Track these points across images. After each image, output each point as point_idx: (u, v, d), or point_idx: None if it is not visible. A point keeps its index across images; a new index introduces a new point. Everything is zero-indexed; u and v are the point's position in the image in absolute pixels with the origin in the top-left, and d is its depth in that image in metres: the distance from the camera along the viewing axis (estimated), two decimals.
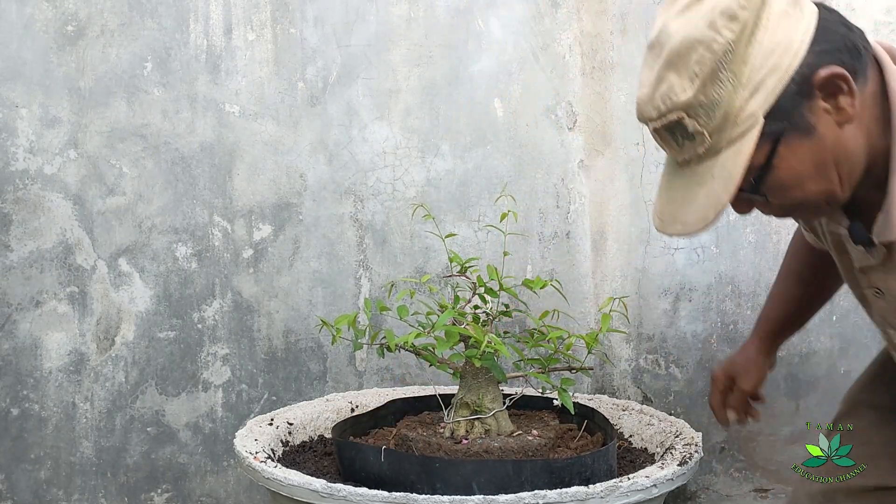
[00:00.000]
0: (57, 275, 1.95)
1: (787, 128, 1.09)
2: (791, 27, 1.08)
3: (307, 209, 2.03)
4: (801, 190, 1.13)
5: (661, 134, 1.13)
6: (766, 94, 1.07)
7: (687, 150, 1.12)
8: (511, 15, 2.07)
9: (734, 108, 1.07)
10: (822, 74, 1.07)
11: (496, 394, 1.53)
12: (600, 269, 2.12)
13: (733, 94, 1.07)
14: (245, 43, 2.00)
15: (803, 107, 1.08)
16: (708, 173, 1.11)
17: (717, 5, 1.07)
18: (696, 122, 1.08)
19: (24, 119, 1.93)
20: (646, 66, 1.14)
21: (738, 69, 1.06)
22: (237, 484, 2.05)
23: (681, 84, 1.08)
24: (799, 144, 1.10)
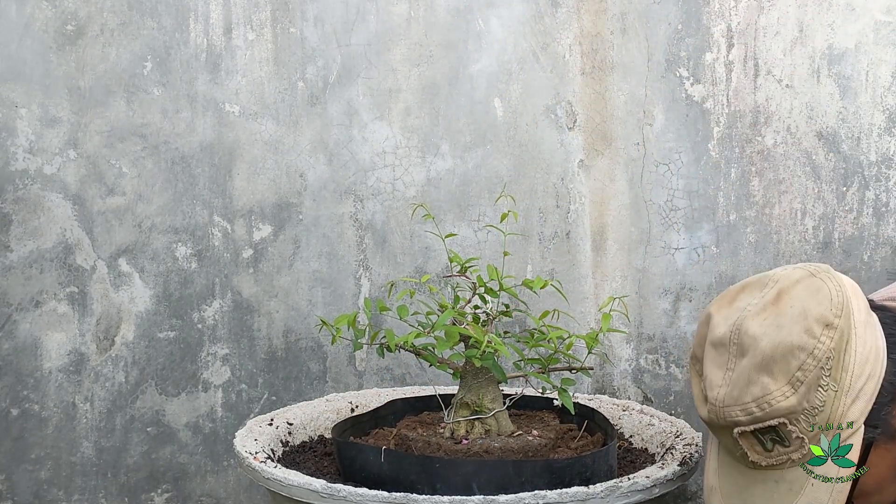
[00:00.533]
0: (57, 275, 1.95)
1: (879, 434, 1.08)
2: (874, 335, 1.09)
3: (307, 209, 2.03)
4: (880, 495, 1.12)
5: (747, 437, 1.09)
6: (865, 402, 1.06)
7: (776, 454, 1.08)
8: (511, 14, 2.06)
9: (837, 414, 1.06)
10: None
11: (496, 394, 1.52)
12: (600, 269, 2.12)
13: (835, 400, 1.05)
14: (245, 42, 2.00)
15: (891, 413, 1.08)
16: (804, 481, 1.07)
17: (806, 311, 1.07)
18: (798, 427, 1.06)
19: (23, 119, 1.92)
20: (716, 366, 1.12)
21: (839, 376, 1.05)
22: (237, 484, 2.05)
23: (780, 389, 1.06)
24: (886, 449, 1.09)
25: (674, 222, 2.13)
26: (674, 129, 2.10)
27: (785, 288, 1.10)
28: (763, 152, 2.14)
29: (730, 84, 2.11)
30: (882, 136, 2.06)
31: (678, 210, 2.12)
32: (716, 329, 1.13)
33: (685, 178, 2.12)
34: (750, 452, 1.10)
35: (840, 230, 2.08)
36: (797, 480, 1.08)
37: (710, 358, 1.13)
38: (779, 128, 2.14)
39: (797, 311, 1.07)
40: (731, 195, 2.12)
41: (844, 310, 1.07)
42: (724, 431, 1.11)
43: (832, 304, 1.07)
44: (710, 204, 2.13)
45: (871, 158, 2.06)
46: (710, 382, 1.12)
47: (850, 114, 2.05)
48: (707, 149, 2.11)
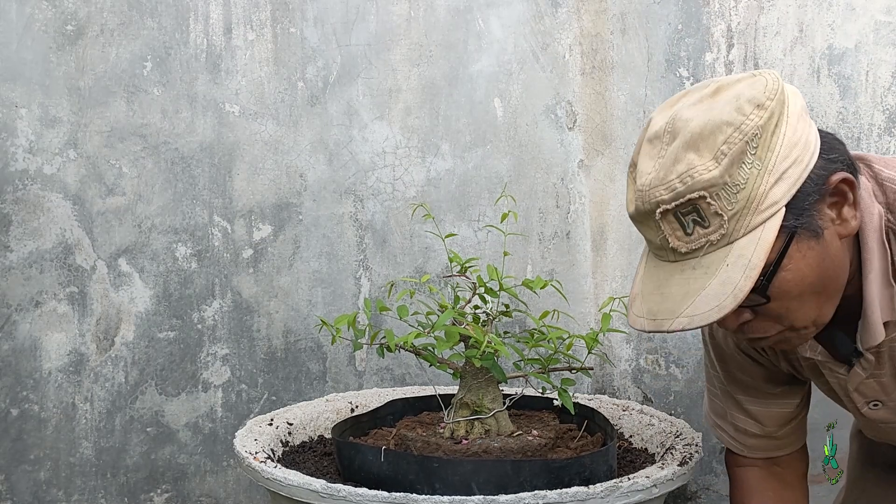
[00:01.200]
0: (56, 275, 1.95)
1: (801, 226, 1.06)
2: (807, 129, 1.08)
3: (307, 209, 2.03)
4: (800, 300, 1.09)
5: (668, 219, 1.07)
6: (788, 185, 1.05)
7: (696, 237, 1.06)
8: (511, 14, 2.06)
9: (758, 193, 1.04)
10: (837, 177, 1.07)
11: (496, 394, 1.52)
12: (600, 269, 2.12)
13: (758, 178, 1.04)
14: (245, 42, 2.00)
15: (815, 208, 1.07)
16: (720, 262, 1.05)
17: (741, 94, 1.06)
18: (718, 203, 1.04)
19: (23, 119, 1.92)
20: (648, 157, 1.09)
21: (764, 154, 1.04)
22: (237, 484, 2.05)
23: (704, 164, 1.04)
24: (808, 247, 1.07)
25: None
26: None
27: (725, 84, 1.10)
28: None
29: None
30: (882, 136, 2.06)
31: None
32: (653, 126, 1.11)
33: None
34: (671, 238, 1.07)
35: None
36: (713, 264, 1.05)
37: (645, 152, 1.10)
38: None
39: (731, 96, 1.07)
40: None
41: (778, 95, 1.06)
42: (649, 219, 1.08)
43: (766, 88, 1.06)
44: None
45: None
46: (641, 172, 1.09)
47: (850, 114, 2.05)
48: None
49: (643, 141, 1.12)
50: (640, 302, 1.12)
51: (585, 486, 1.33)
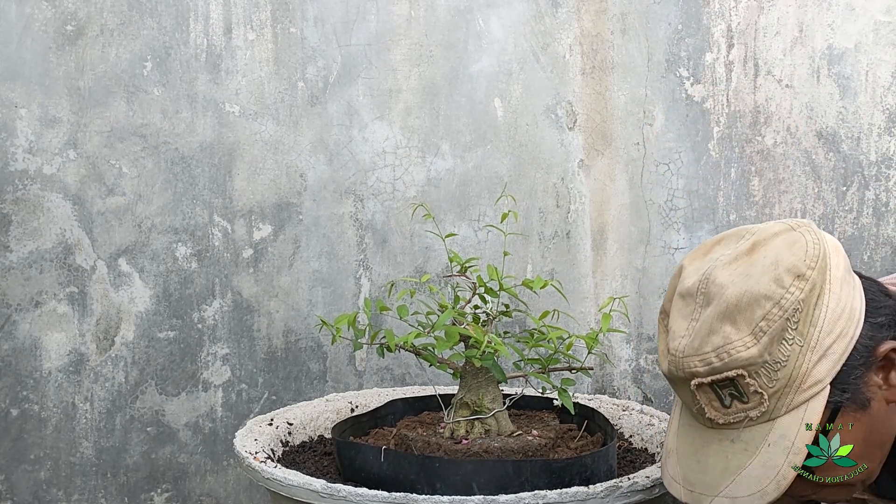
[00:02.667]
0: (56, 275, 1.95)
1: (847, 400, 1.02)
2: (850, 295, 1.03)
3: (307, 209, 2.03)
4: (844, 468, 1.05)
5: (704, 390, 1.03)
6: (833, 362, 1.00)
7: (734, 412, 1.01)
8: (511, 14, 2.06)
9: (800, 371, 0.99)
10: (885, 348, 1.02)
11: (496, 394, 1.52)
12: (600, 269, 2.12)
13: (801, 356, 0.99)
14: (245, 42, 2.00)
15: (861, 379, 1.02)
16: (761, 440, 1.01)
17: (778, 261, 1.01)
18: (758, 381, 0.99)
19: (23, 119, 1.92)
20: (681, 316, 1.05)
21: (806, 330, 0.99)
22: (237, 484, 2.05)
23: (742, 339, 0.99)
24: (854, 418, 1.02)
25: (674, 222, 2.13)
26: (674, 129, 2.10)
27: (761, 240, 1.04)
28: (763, 152, 2.14)
29: (730, 84, 2.11)
30: (882, 136, 2.06)
31: (678, 210, 2.12)
32: (686, 280, 1.06)
33: (685, 177, 2.12)
34: (707, 408, 1.03)
35: (840, 230, 2.08)
36: (753, 440, 1.02)
37: (677, 308, 1.06)
38: (779, 128, 2.14)
39: (769, 262, 1.01)
40: (731, 195, 2.12)
41: (820, 262, 1.00)
42: (683, 385, 1.04)
43: (807, 255, 1.01)
44: (710, 204, 2.13)
45: (871, 158, 2.06)
46: (674, 333, 1.04)
47: (849, 114, 2.05)
48: (707, 149, 2.11)
49: (675, 294, 1.07)
50: (676, 463, 1.08)
51: (585, 486, 1.33)
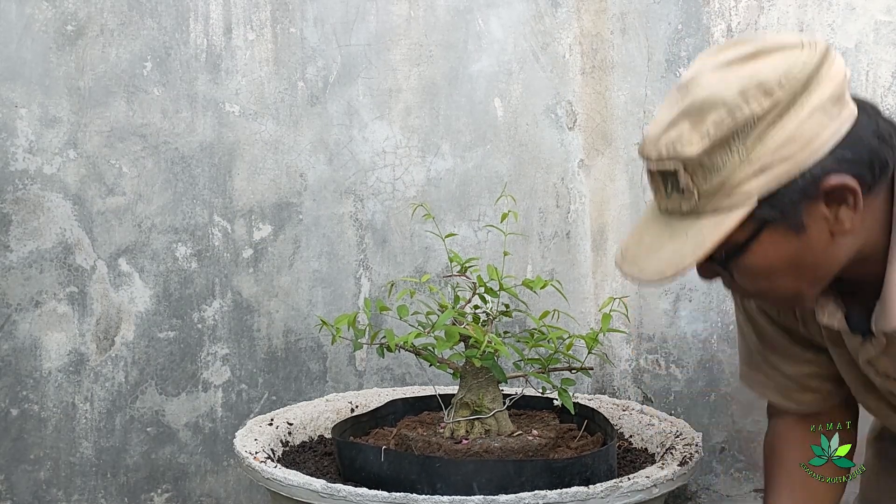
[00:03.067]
0: (56, 275, 1.95)
1: (777, 218, 1.06)
2: (821, 125, 1.03)
3: (307, 209, 2.03)
4: (769, 282, 1.12)
5: (654, 176, 1.12)
6: (768, 180, 1.04)
7: (672, 201, 1.10)
8: (511, 14, 2.06)
9: (733, 180, 1.04)
10: (831, 182, 1.04)
11: (496, 394, 1.52)
12: (600, 269, 2.12)
13: (737, 168, 1.04)
14: (245, 42, 2.00)
15: (802, 205, 1.05)
16: (683, 231, 1.09)
17: (756, 75, 1.02)
18: (691, 179, 1.06)
19: (23, 119, 1.92)
20: (667, 104, 1.10)
21: (752, 145, 1.03)
22: (237, 484, 2.05)
23: (690, 137, 1.05)
24: (784, 238, 1.07)
25: None
26: None
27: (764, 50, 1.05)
28: None
29: None
30: None
31: None
32: (686, 73, 1.11)
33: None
34: (654, 191, 1.14)
35: None
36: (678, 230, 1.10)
37: (667, 98, 1.11)
38: None
39: (749, 72, 1.03)
40: None
41: (794, 84, 1.02)
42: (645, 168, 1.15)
43: (786, 74, 1.02)
44: None
45: None
46: (654, 119, 1.11)
47: None
48: None
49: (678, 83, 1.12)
50: (629, 236, 1.18)
51: (586, 485, 1.33)
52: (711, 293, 2.13)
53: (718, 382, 2.15)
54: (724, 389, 2.10)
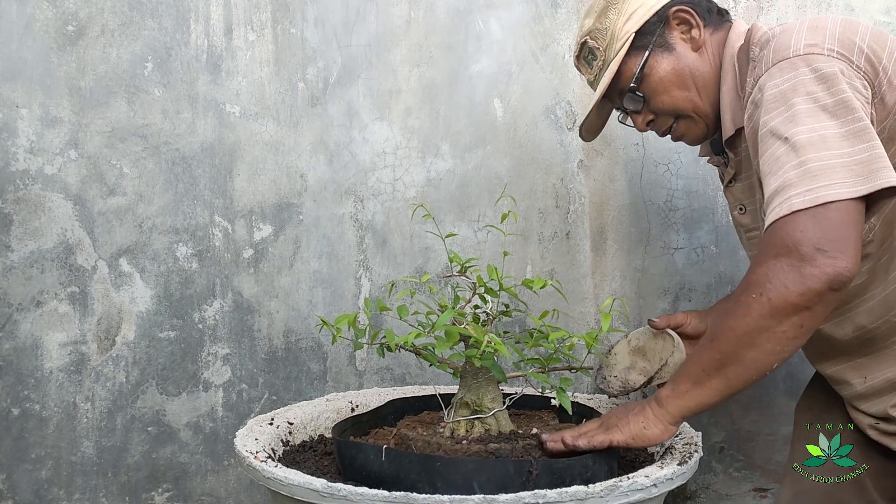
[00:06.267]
0: (57, 275, 1.95)
1: (653, 43, 1.57)
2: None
3: (307, 209, 2.03)
4: (669, 94, 1.58)
5: (581, 62, 1.67)
6: (636, 20, 1.57)
7: (594, 68, 1.63)
8: (511, 15, 2.07)
9: (617, 29, 1.58)
10: (674, 8, 1.57)
11: (496, 393, 1.53)
12: (600, 269, 2.12)
13: (616, 21, 1.58)
14: (246, 43, 2.00)
15: (664, 31, 1.57)
16: (603, 81, 1.59)
17: None
18: (595, 41, 1.61)
19: (24, 119, 1.93)
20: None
21: (621, 6, 1.59)
22: (238, 483, 2.05)
23: (588, 21, 1.63)
24: (662, 58, 1.57)
25: (673, 222, 2.13)
26: None
27: None
28: None
29: None
30: None
31: (677, 210, 2.13)
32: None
33: (684, 178, 2.13)
34: (585, 75, 1.68)
35: None
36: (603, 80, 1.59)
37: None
38: None
39: None
40: None
41: None
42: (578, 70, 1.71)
43: None
44: (709, 204, 2.14)
45: None
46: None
47: None
48: None
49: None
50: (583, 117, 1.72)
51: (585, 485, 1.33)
52: (711, 293, 2.14)
53: None
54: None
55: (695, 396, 1.36)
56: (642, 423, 1.40)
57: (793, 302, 1.24)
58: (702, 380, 1.34)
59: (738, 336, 1.29)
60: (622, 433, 1.40)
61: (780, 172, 1.29)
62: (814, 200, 1.24)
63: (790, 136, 1.30)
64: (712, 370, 1.33)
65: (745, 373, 1.31)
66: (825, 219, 1.24)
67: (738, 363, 1.30)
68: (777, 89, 1.35)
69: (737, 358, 1.30)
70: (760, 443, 2.16)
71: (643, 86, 1.58)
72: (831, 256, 1.23)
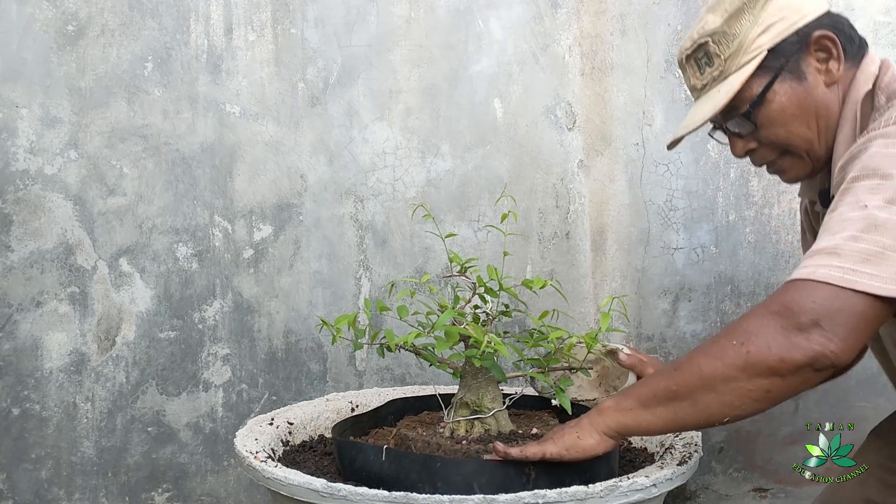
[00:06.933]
0: (57, 275, 1.95)
1: (784, 68, 1.37)
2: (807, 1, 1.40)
3: (308, 210, 2.03)
4: (786, 129, 1.39)
5: (689, 62, 1.46)
6: (773, 35, 1.37)
7: (705, 76, 1.43)
8: (511, 15, 2.07)
9: (747, 40, 1.38)
10: (818, 33, 1.37)
11: (496, 394, 1.53)
12: (600, 269, 2.12)
13: (749, 30, 1.38)
14: (246, 43, 2.00)
15: (800, 56, 1.38)
16: (716, 90, 1.41)
17: None
18: (717, 46, 1.40)
19: (24, 119, 1.93)
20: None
21: (758, 14, 1.38)
22: (237, 483, 2.05)
23: (713, 19, 1.41)
24: (791, 86, 1.38)
25: (673, 222, 2.13)
26: (673, 129, 2.10)
27: None
28: None
29: None
30: None
31: (677, 210, 2.13)
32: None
33: (684, 178, 2.13)
34: (692, 78, 1.46)
35: None
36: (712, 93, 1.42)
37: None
38: None
39: None
40: (731, 195, 2.13)
41: None
42: (682, 67, 1.49)
43: None
44: (709, 204, 2.14)
45: None
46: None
47: None
48: (706, 149, 2.12)
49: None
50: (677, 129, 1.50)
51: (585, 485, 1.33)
52: (711, 293, 2.14)
53: None
54: None
55: (636, 417, 1.31)
56: (576, 433, 1.34)
57: (769, 364, 1.19)
58: (650, 403, 1.29)
59: (703, 375, 1.24)
60: (555, 445, 1.34)
61: (838, 235, 1.21)
62: (850, 283, 1.17)
63: (870, 206, 1.20)
64: (664, 398, 1.28)
65: (694, 413, 1.26)
66: (847, 304, 1.17)
67: (692, 402, 1.25)
68: (883, 152, 1.24)
69: (692, 396, 1.25)
70: (760, 443, 2.16)
71: (758, 111, 1.39)
72: (826, 336, 1.17)
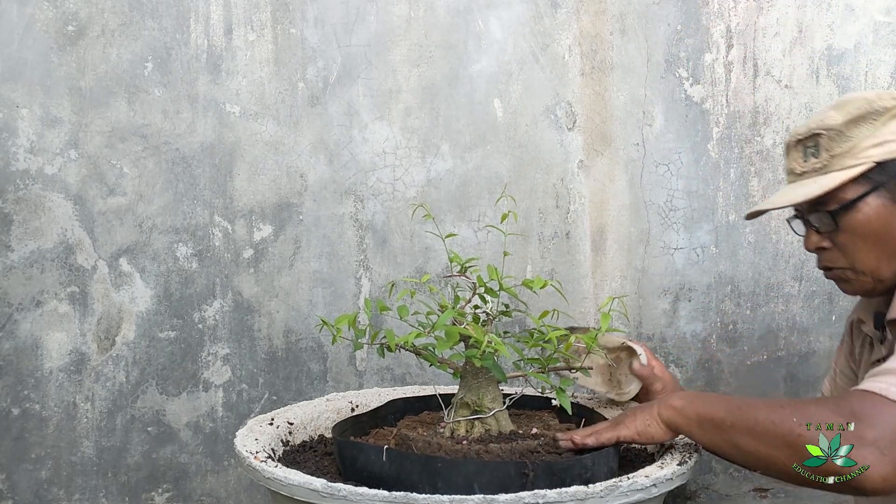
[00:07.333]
0: (58, 275, 1.95)
1: (885, 185, 1.38)
2: None
3: (307, 209, 2.03)
4: (863, 244, 1.41)
5: (796, 147, 1.46)
6: (885, 151, 1.39)
7: (808, 164, 1.44)
8: (511, 15, 2.07)
9: (860, 147, 1.39)
10: None
11: (496, 394, 1.53)
12: (600, 269, 2.12)
13: (865, 138, 1.39)
14: (245, 43, 2.00)
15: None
16: (812, 180, 1.42)
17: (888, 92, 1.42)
18: (829, 141, 1.41)
19: (24, 119, 1.93)
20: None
21: (878, 127, 1.39)
22: (237, 483, 2.05)
23: (834, 115, 1.41)
24: (883, 203, 1.39)
25: (673, 222, 2.13)
26: (673, 129, 2.11)
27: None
28: (762, 152, 2.14)
29: (729, 84, 2.11)
30: None
31: (678, 210, 2.13)
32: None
33: (685, 178, 2.13)
34: (795, 163, 1.46)
35: None
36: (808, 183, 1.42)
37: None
38: (778, 128, 2.14)
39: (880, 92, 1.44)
40: (731, 195, 2.13)
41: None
42: (788, 149, 1.48)
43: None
44: (709, 204, 2.14)
45: None
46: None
47: None
48: (706, 149, 2.12)
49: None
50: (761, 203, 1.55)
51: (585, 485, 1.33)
52: (710, 293, 2.14)
53: (717, 382, 2.16)
54: (723, 389, 2.10)
55: (689, 427, 1.38)
56: (647, 420, 1.42)
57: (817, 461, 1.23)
58: (704, 423, 1.35)
59: (755, 429, 1.28)
60: (628, 429, 1.42)
61: None
62: None
63: None
64: (719, 425, 1.33)
65: (733, 454, 1.32)
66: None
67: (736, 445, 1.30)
68: None
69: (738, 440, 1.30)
70: None
71: (845, 215, 1.40)
72: (880, 456, 1.20)
